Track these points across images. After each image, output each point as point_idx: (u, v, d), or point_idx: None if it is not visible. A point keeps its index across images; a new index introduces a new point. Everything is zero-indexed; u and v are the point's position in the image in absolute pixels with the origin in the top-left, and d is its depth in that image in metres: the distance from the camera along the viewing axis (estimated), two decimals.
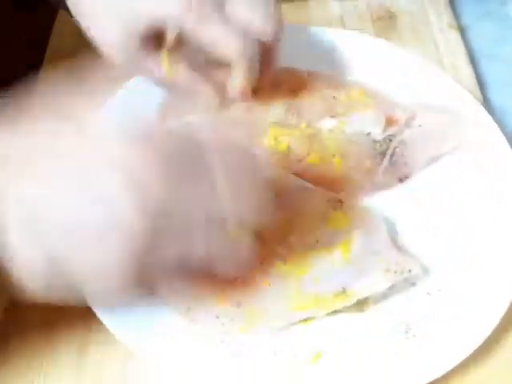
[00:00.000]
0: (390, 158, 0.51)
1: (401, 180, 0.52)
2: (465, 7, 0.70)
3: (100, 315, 0.43)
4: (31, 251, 0.32)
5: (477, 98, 0.56)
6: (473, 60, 0.64)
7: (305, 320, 0.43)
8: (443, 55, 0.64)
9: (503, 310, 0.43)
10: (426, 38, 0.65)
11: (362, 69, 0.58)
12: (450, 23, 0.67)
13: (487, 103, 0.60)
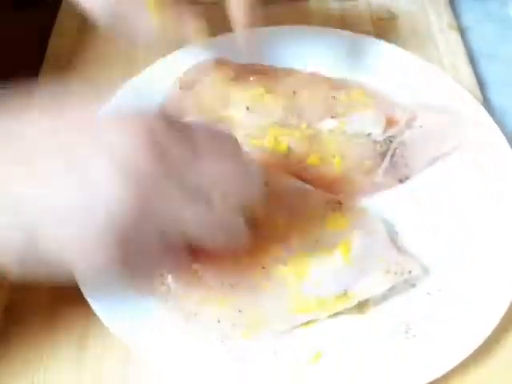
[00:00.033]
0: (390, 158, 0.51)
1: (401, 181, 0.52)
2: (465, 8, 0.70)
3: (102, 317, 0.43)
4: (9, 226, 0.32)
5: (477, 98, 0.56)
6: (473, 60, 0.64)
7: (306, 322, 0.43)
8: (443, 55, 0.64)
9: (503, 310, 0.43)
10: (426, 39, 0.65)
11: (362, 69, 0.58)
12: (450, 23, 0.67)
13: (487, 103, 0.60)
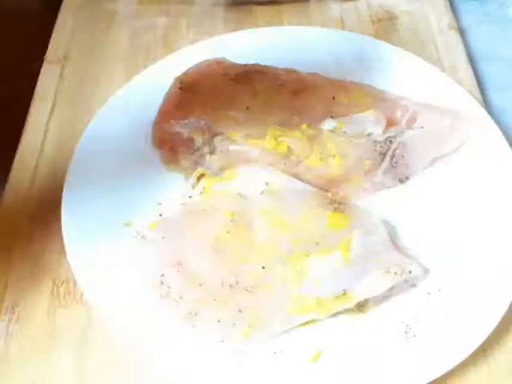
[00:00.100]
0: (390, 159, 0.51)
1: (401, 181, 0.52)
2: (464, 8, 0.70)
3: (101, 317, 0.43)
4: None
5: (476, 99, 0.56)
6: (472, 60, 0.64)
7: (306, 322, 0.43)
8: (443, 56, 0.64)
9: (503, 310, 0.43)
10: (426, 39, 0.65)
11: (361, 69, 0.58)
12: (450, 24, 0.67)
13: (487, 103, 0.60)
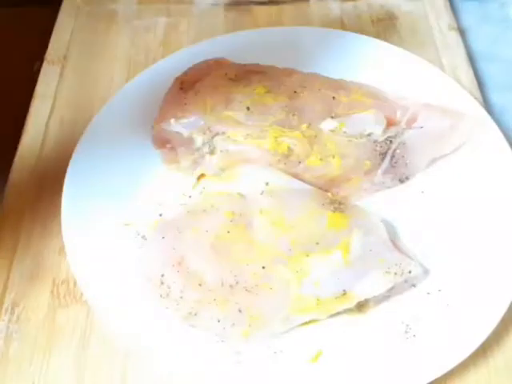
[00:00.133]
0: (390, 159, 0.51)
1: (401, 181, 0.52)
2: (464, 8, 0.70)
3: (101, 318, 0.43)
4: None
5: (476, 99, 0.56)
6: (472, 60, 0.64)
7: (306, 322, 0.43)
8: (443, 56, 0.64)
9: (503, 310, 0.43)
10: (426, 39, 0.65)
11: (362, 69, 0.58)
12: (450, 24, 0.67)
13: (487, 103, 0.60)
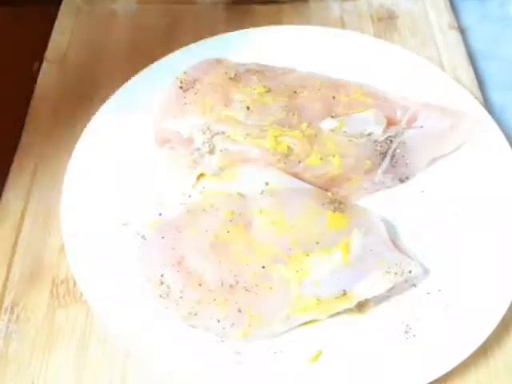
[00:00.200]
0: (390, 158, 0.51)
1: (401, 180, 0.52)
2: (465, 7, 0.70)
3: (101, 318, 0.43)
4: None
5: (477, 98, 0.56)
6: (473, 60, 0.64)
7: (306, 322, 0.43)
8: (443, 55, 0.64)
9: (503, 310, 0.43)
10: (426, 39, 0.65)
11: (362, 69, 0.58)
12: (450, 23, 0.67)
13: (487, 103, 0.60)
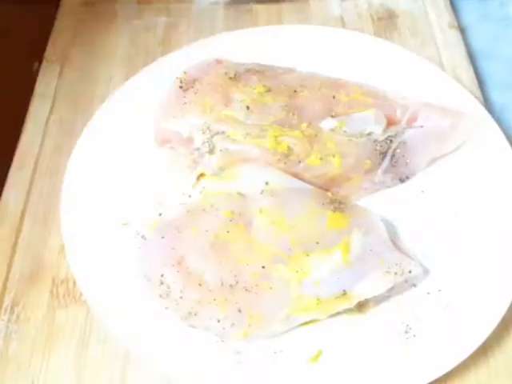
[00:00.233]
0: (390, 158, 0.51)
1: (401, 180, 0.52)
2: (465, 7, 0.70)
3: (101, 318, 0.43)
4: None
5: (477, 98, 0.56)
6: (473, 59, 0.64)
7: (306, 322, 0.43)
8: (443, 55, 0.64)
9: (503, 310, 0.43)
10: (426, 38, 0.65)
11: (362, 68, 0.58)
12: (450, 23, 0.67)
13: (487, 103, 0.60)
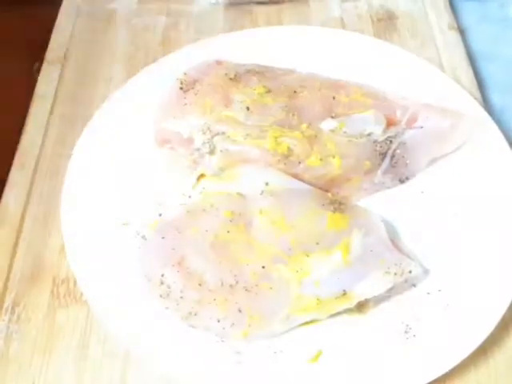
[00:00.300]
0: (390, 159, 0.51)
1: (401, 181, 0.52)
2: (464, 8, 0.70)
3: (101, 318, 0.43)
4: None
5: (476, 99, 0.57)
6: (472, 60, 0.64)
7: (306, 322, 0.43)
8: (443, 56, 0.64)
9: (503, 310, 0.43)
10: (426, 39, 0.66)
11: (361, 69, 0.58)
12: (450, 24, 0.67)
13: (487, 103, 0.60)
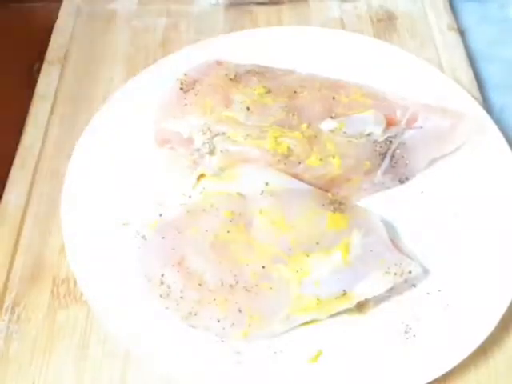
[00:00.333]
0: (390, 159, 0.51)
1: (401, 181, 0.52)
2: (464, 9, 0.71)
3: (101, 318, 0.43)
4: None
5: (476, 99, 0.57)
6: (472, 61, 0.64)
7: (306, 322, 0.43)
8: (442, 56, 0.64)
9: (503, 310, 0.43)
10: (426, 40, 0.66)
11: (361, 70, 0.58)
12: (450, 24, 0.67)
13: (486, 104, 0.60)
